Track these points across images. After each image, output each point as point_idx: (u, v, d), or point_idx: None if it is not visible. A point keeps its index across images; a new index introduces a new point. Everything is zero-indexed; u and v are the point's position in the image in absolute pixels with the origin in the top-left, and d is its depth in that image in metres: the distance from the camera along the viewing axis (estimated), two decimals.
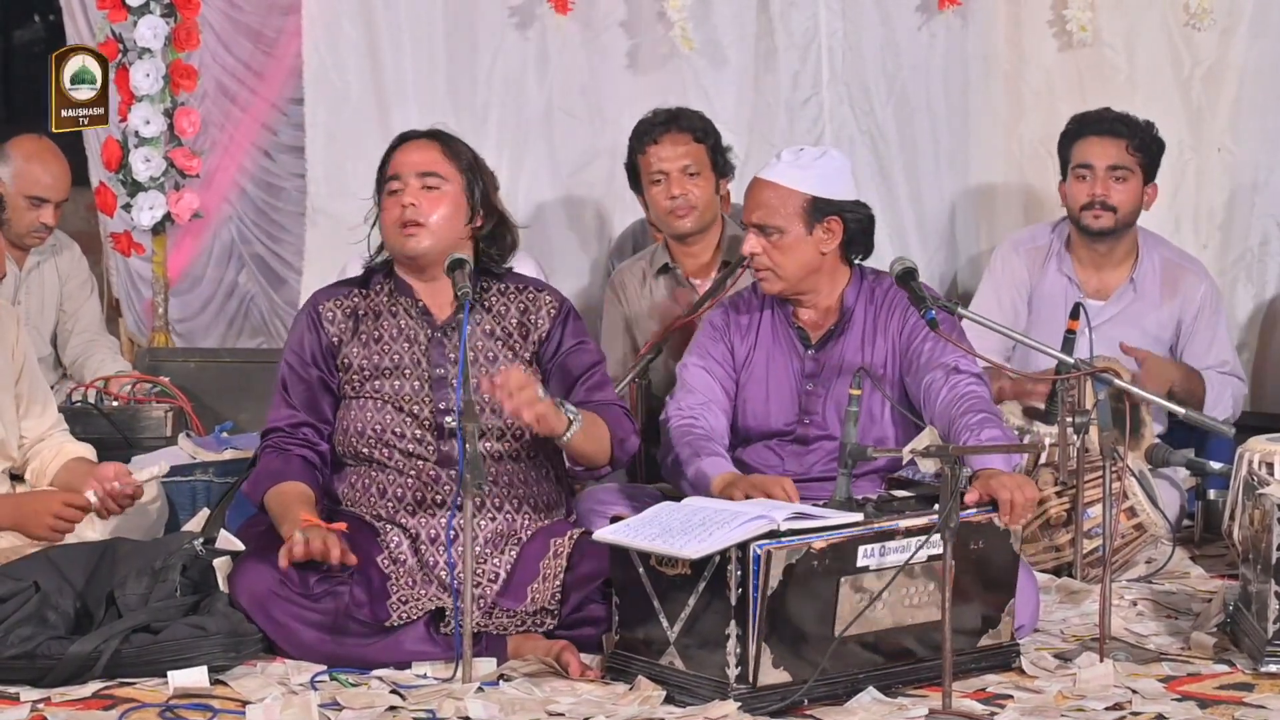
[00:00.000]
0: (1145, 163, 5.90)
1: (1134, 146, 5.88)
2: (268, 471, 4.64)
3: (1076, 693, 4.24)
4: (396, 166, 4.67)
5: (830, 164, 4.84)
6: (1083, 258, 5.99)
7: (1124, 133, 5.88)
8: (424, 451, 4.61)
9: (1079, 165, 5.90)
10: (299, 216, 7.00)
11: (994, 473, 4.40)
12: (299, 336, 4.74)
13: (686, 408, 4.88)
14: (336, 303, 4.75)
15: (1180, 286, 5.95)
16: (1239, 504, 4.89)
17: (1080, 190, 5.89)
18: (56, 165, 6.28)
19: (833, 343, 4.88)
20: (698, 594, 4.14)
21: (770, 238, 4.80)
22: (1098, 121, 5.93)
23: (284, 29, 6.92)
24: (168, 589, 4.39)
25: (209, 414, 6.22)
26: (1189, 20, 6.51)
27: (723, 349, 4.96)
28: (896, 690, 4.24)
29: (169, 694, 4.18)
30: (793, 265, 4.81)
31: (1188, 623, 4.81)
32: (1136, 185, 5.88)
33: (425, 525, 4.57)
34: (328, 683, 4.30)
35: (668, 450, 4.83)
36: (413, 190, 4.63)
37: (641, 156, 5.77)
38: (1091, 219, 5.87)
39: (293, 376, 4.72)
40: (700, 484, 4.64)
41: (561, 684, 4.30)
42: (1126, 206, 5.87)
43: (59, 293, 6.51)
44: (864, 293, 4.89)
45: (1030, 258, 6.02)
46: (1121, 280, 5.97)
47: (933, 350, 4.75)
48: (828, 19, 6.68)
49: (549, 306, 4.74)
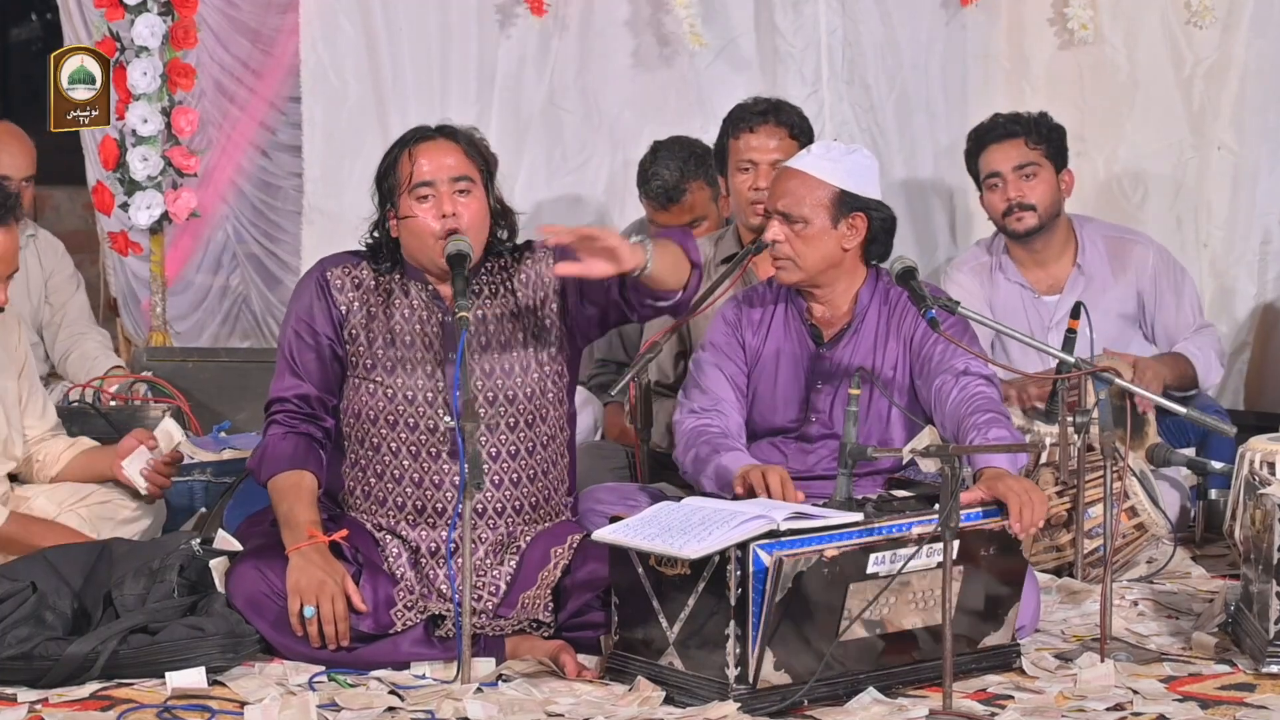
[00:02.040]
0: (1050, 153, 5.92)
1: (1034, 141, 5.90)
2: (276, 454, 4.57)
3: (1077, 693, 4.23)
4: (427, 172, 4.51)
5: (860, 161, 4.84)
6: (1024, 260, 6.02)
7: (1019, 131, 5.91)
8: (435, 442, 4.54)
9: (989, 175, 5.93)
10: (296, 216, 7.00)
11: (1000, 474, 4.39)
12: (306, 304, 4.61)
13: (700, 408, 4.87)
14: (345, 270, 4.63)
15: (1129, 259, 5.99)
16: (1240, 504, 4.87)
17: (996, 199, 5.93)
18: (14, 143, 6.26)
19: (845, 342, 4.87)
20: (697, 594, 4.12)
21: (794, 226, 4.78)
22: (992, 129, 5.96)
23: (281, 27, 6.92)
24: (165, 589, 4.37)
25: (207, 414, 6.22)
26: (1190, 18, 6.51)
27: (735, 345, 4.95)
28: (897, 691, 4.22)
29: (167, 695, 4.17)
30: (814, 257, 4.80)
31: (1189, 623, 4.81)
32: (1049, 177, 5.91)
33: (426, 538, 4.54)
34: (326, 683, 4.29)
35: (686, 449, 4.81)
36: (448, 197, 4.51)
37: (733, 140, 5.69)
38: (1015, 223, 5.90)
39: (299, 344, 4.60)
40: (723, 479, 4.62)
41: (560, 685, 4.29)
42: (1045, 201, 5.90)
43: (42, 284, 6.47)
44: (879, 294, 4.88)
45: (978, 275, 6.04)
46: (1068, 270, 6.00)
47: (944, 354, 4.75)
48: (828, 17, 6.69)
49: (544, 262, 4.64)
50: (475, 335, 4.57)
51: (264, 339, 7.12)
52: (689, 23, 6.59)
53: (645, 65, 6.78)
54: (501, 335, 4.61)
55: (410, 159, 4.54)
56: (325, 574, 4.38)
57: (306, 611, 4.35)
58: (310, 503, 4.52)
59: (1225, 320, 6.54)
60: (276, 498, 4.55)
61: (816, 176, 4.78)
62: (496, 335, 4.61)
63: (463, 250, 4.46)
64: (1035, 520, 4.30)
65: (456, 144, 4.56)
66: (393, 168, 4.57)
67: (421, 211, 4.51)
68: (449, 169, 4.52)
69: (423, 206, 4.51)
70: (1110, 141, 6.62)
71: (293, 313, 4.65)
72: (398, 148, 4.59)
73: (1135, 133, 6.61)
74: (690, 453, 4.79)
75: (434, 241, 4.49)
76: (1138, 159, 6.61)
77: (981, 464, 4.46)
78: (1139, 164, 6.61)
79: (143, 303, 7.04)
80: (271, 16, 6.94)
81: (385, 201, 4.59)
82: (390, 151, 4.61)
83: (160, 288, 6.93)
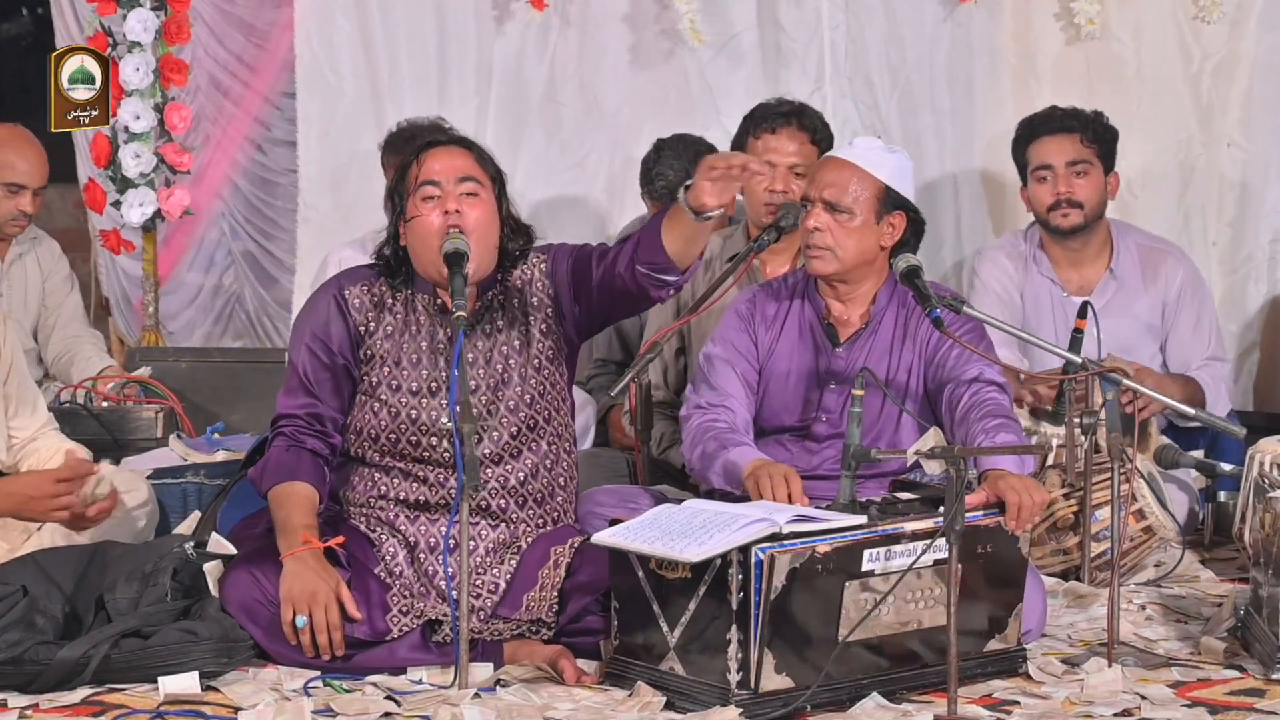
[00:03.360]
0: (1102, 153, 5.92)
1: (1088, 139, 5.89)
2: (278, 464, 4.55)
3: (1084, 699, 4.21)
4: (432, 173, 4.50)
5: (902, 160, 4.84)
6: (1058, 258, 6.00)
7: (1076, 127, 5.90)
8: (438, 457, 4.54)
9: (1039, 167, 5.91)
10: (291, 213, 7.01)
11: (1001, 473, 4.37)
12: (323, 321, 4.59)
13: (708, 404, 4.84)
14: (363, 289, 4.61)
15: (1160, 271, 5.96)
16: (1250, 506, 4.85)
17: (1044, 192, 5.90)
18: (31, 151, 6.24)
19: (861, 342, 4.85)
20: (698, 598, 4.10)
21: (838, 216, 4.76)
22: (1048, 120, 5.95)
23: (276, 21, 6.94)
24: (158, 593, 4.35)
25: (200, 414, 6.22)
26: (1198, 13, 6.49)
27: (746, 340, 4.92)
28: (901, 696, 4.20)
29: (159, 700, 4.15)
30: (853, 250, 4.77)
31: (1198, 627, 4.79)
32: (1098, 177, 5.90)
33: (425, 533, 4.52)
34: (321, 689, 4.27)
35: (693, 445, 4.79)
36: (453, 196, 4.49)
37: (753, 139, 5.66)
38: (1060, 218, 5.88)
39: (315, 363, 4.58)
40: (732, 475, 4.61)
41: (559, 690, 4.27)
42: (1093, 200, 5.88)
43: (41, 287, 6.47)
44: (897, 296, 4.86)
45: (1014, 260, 6.04)
46: (1101, 273, 5.98)
47: (958, 360, 4.73)
48: (830, 12, 6.70)
49: (540, 267, 4.64)
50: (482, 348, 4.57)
51: (258, 339, 7.11)
52: (689, 19, 6.59)
53: (645, 61, 6.77)
54: (506, 345, 4.61)
55: (419, 164, 4.54)
56: (318, 582, 4.35)
57: (299, 621, 4.32)
58: (308, 510, 4.49)
59: (1234, 319, 6.54)
60: (275, 505, 4.52)
61: (865, 169, 4.76)
62: (500, 346, 4.60)
63: (460, 248, 4.43)
64: (1032, 513, 4.28)
65: (467, 150, 4.57)
66: (403, 177, 4.56)
67: (426, 210, 4.49)
68: (456, 169, 4.51)
69: (427, 205, 4.49)
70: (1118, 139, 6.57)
71: (307, 328, 4.62)
72: (410, 156, 4.58)
73: (1143, 129, 6.58)
74: (697, 449, 4.77)
75: (436, 241, 4.47)
76: (1145, 156, 6.58)
77: (986, 466, 4.44)
78: (1146, 161, 6.59)
79: (135, 302, 7.01)
80: (266, 11, 6.95)
81: (397, 212, 4.57)
82: (404, 162, 4.60)
83: (153, 287, 6.92)
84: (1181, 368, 5.91)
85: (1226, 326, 6.41)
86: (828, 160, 4.86)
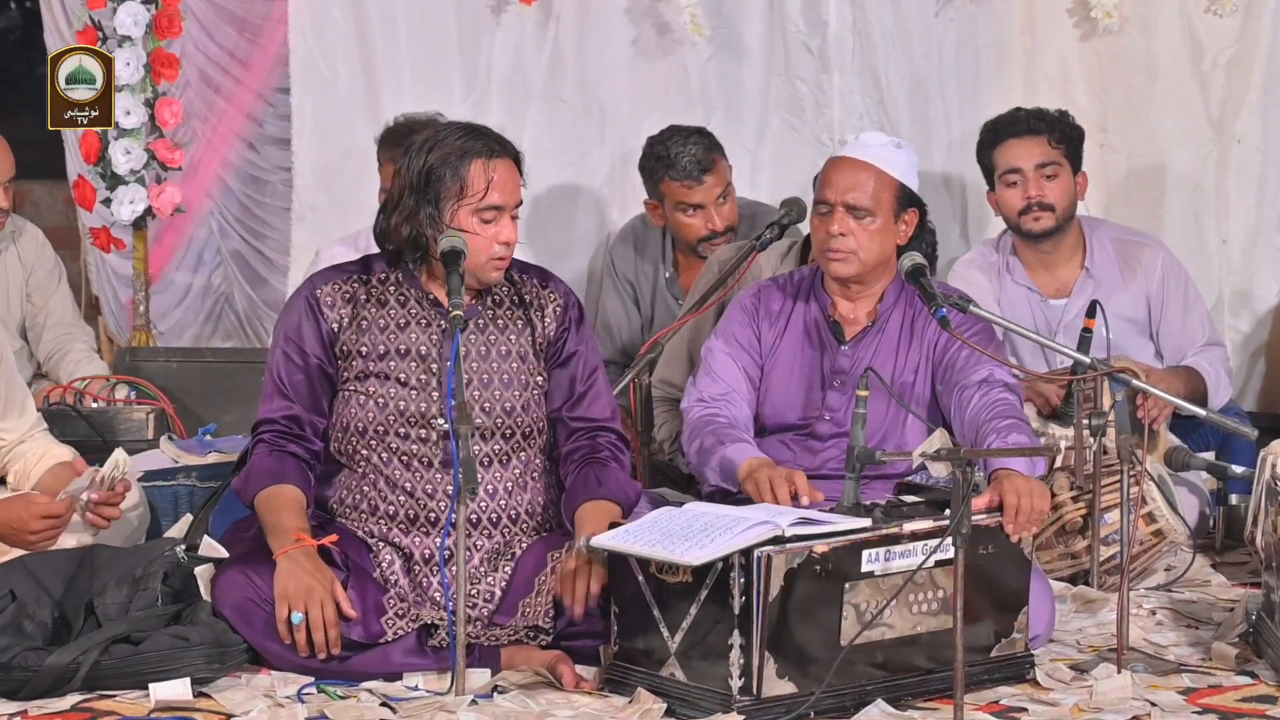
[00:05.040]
0: (1070, 153, 5.88)
1: (1056, 140, 5.86)
2: (261, 470, 4.52)
3: (1093, 705, 4.19)
4: (499, 198, 4.47)
5: (910, 156, 4.83)
6: (1032, 262, 5.97)
7: (1043, 129, 5.87)
8: (428, 452, 4.50)
9: (1007, 171, 5.87)
10: (283, 212, 7.01)
11: (1008, 473, 4.35)
12: (295, 323, 4.57)
13: (709, 397, 4.83)
14: (335, 287, 4.59)
15: (1138, 263, 5.95)
16: (1262, 509, 4.83)
17: (1014, 196, 5.86)
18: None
19: (867, 342, 4.84)
20: (700, 603, 4.07)
21: (862, 220, 4.74)
22: (1013, 123, 5.91)
23: (269, 15, 6.94)
24: (149, 598, 4.34)
25: (191, 416, 6.21)
26: (1210, 7, 6.47)
27: (750, 335, 4.91)
28: (906, 703, 4.18)
29: (150, 706, 4.13)
30: (876, 251, 4.77)
31: (1209, 633, 4.78)
32: (1068, 178, 5.86)
33: (419, 545, 4.50)
34: (315, 695, 4.24)
35: (691, 439, 4.79)
36: (507, 222, 4.49)
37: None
38: (1032, 222, 5.85)
39: (289, 365, 4.56)
40: (728, 472, 4.60)
41: (557, 696, 4.24)
42: (1064, 202, 5.85)
43: (24, 282, 6.43)
44: (904, 295, 4.85)
45: (987, 273, 6.01)
46: (1077, 273, 5.96)
47: (967, 361, 4.72)
48: (837, 5, 6.68)
49: (555, 305, 4.65)
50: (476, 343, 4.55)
51: (248, 339, 7.10)
52: (690, 12, 6.58)
53: (644, 55, 6.76)
54: (503, 345, 4.59)
55: (485, 173, 4.46)
56: (313, 579, 4.32)
57: (294, 618, 4.29)
58: (297, 511, 4.47)
59: (1245, 319, 6.54)
60: (263, 510, 4.49)
61: (881, 169, 4.75)
62: (497, 345, 4.59)
63: (458, 247, 4.42)
64: (1030, 517, 4.25)
65: (518, 168, 4.54)
66: (456, 171, 4.46)
67: (483, 231, 4.48)
68: (516, 194, 4.53)
69: (486, 228, 4.48)
70: (1128, 135, 6.60)
71: (281, 332, 4.62)
72: (464, 154, 4.47)
73: (1153, 126, 6.58)
74: (695, 442, 4.76)
75: (485, 261, 4.48)
76: (1155, 153, 6.59)
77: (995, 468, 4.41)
78: (1156, 158, 6.59)
79: (125, 301, 6.98)
80: (259, 4, 6.96)
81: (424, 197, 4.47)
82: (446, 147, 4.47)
83: (143, 285, 6.90)
84: (1177, 355, 5.91)
85: (1236, 325, 6.43)
86: (842, 161, 4.81)
